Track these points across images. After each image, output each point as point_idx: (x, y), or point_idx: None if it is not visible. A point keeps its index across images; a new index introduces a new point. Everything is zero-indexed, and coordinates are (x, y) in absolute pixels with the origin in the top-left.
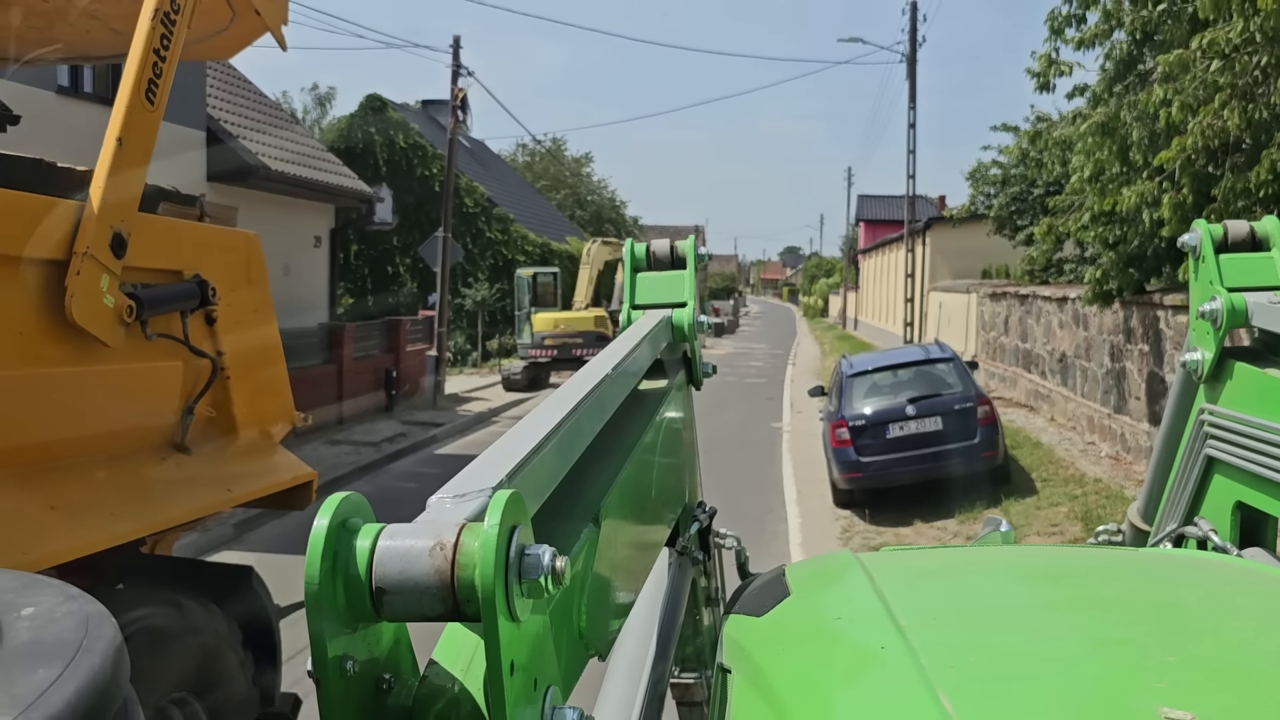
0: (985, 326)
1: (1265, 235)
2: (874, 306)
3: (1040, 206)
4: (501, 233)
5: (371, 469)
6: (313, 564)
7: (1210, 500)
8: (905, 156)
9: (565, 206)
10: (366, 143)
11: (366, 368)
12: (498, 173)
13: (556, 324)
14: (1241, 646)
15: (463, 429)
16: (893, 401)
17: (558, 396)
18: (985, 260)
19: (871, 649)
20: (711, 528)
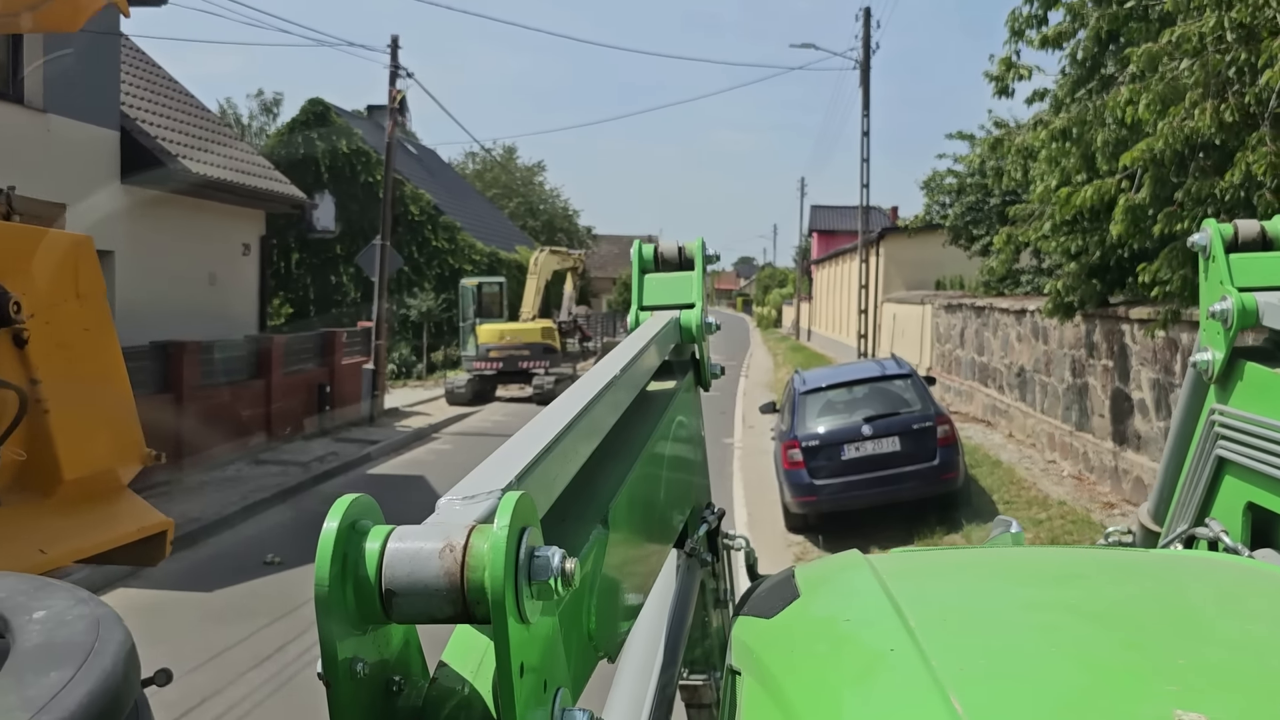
0: (940, 339)
1: (1277, 235)
2: (827, 317)
3: (997, 216)
4: (448, 241)
5: (297, 491)
6: (322, 566)
7: (1221, 501)
8: (859, 165)
9: (517, 216)
10: (308, 149)
11: (298, 383)
12: (445, 180)
13: (502, 335)
14: (1253, 648)
15: (399, 447)
16: (848, 421)
17: (567, 398)
18: (939, 271)
19: (881, 651)
20: (720, 529)
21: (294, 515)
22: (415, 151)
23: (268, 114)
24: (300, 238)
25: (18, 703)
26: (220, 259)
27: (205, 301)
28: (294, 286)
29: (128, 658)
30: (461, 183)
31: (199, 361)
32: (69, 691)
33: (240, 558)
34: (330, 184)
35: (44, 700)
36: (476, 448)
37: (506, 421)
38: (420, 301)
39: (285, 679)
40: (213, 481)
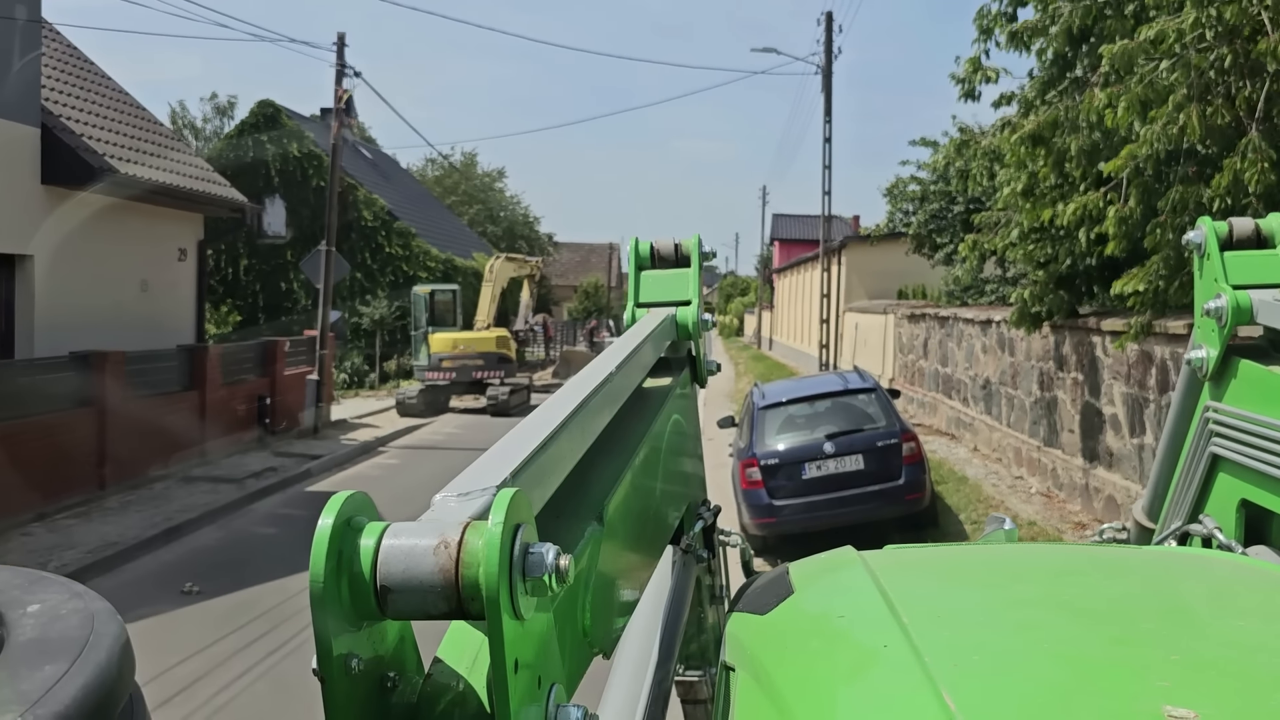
0: (903, 349)
1: (1271, 232)
2: (789, 326)
3: (960, 224)
4: (402, 248)
5: (228, 511)
6: (317, 563)
7: (1215, 498)
8: (820, 172)
9: (477, 222)
10: (257, 152)
11: (237, 394)
12: (402, 186)
13: (455, 344)
14: (1245, 645)
15: (342, 461)
16: (809, 438)
17: (562, 394)
18: (902, 280)
19: (875, 647)
20: (716, 525)
21: (221, 538)
22: (370, 156)
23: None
24: (250, 243)
25: (12, 697)
26: (153, 265)
27: (136, 310)
28: (243, 293)
29: (123, 651)
30: (419, 188)
31: (123, 373)
32: (63, 686)
33: (157, 586)
34: (281, 188)
35: (38, 694)
36: (425, 462)
37: (459, 434)
38: (373, 309)
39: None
40: (137, 501)
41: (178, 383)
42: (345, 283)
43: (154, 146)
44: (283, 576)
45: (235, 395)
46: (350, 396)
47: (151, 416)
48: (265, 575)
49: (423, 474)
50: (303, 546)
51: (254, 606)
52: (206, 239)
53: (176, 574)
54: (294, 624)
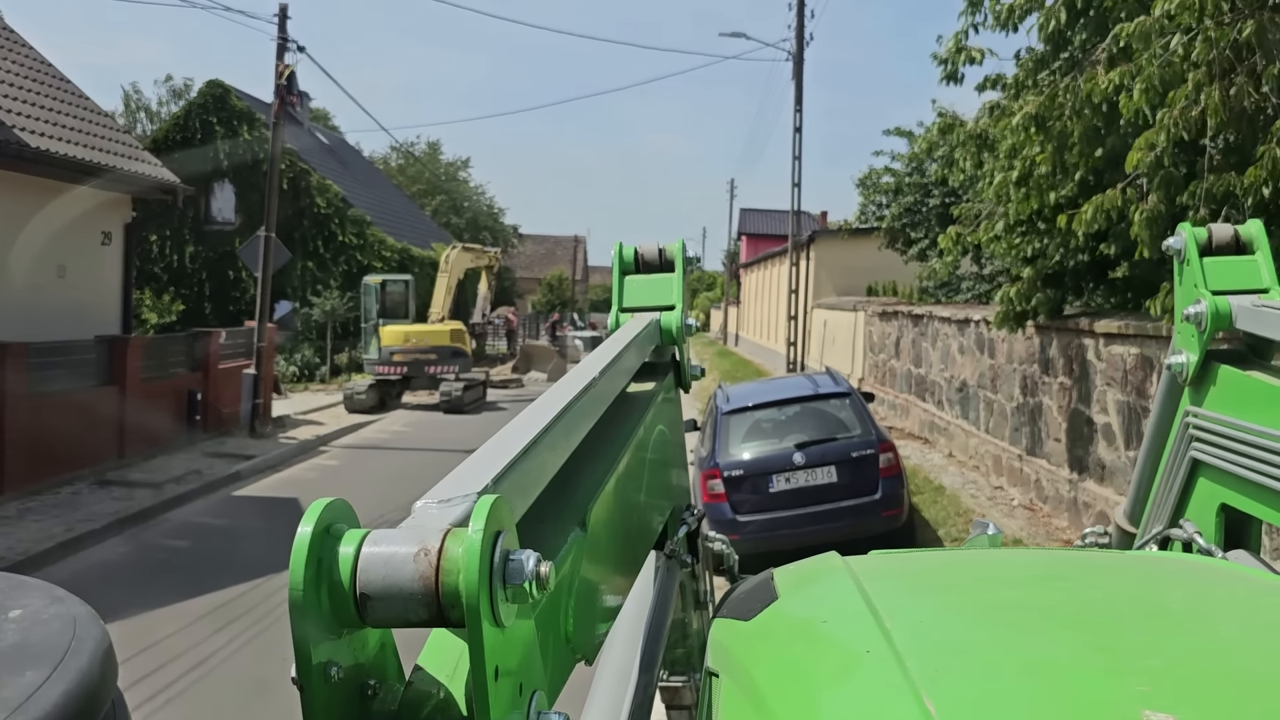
0: (874, 348)
1: (1249, 239)
2: (755, 323)
3: (936, 218)
4: (357, 236)
5: (140, 519)
6: (296, 571)
7: (1195, 503)
8: (790, 164)
9: (440, 213)
10: (206, 134)
11: (163, 389)
12: (359, 173)
13: (407, 338)
14: (1224, 648)
15: (277, 463)
16: (777, 447)
17: (545, 399)
18: (872, 276)
19: (857, 652)
20: (700, 530)
21: (126, 552)
22: (327, 141)
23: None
24: (196, 229)
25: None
26: (73, 249)
27: (52, 298)
28: (188, 282)
29: (105, 657)
30: (378, 176)
31: (25, 365)
32: (45, 691)
33: None
34: (230, 172)
35: (19, 700)
36: (367, 464)
37: (407, 432)
38: (324, 300)
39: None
40: (38, 508)
41: (95, 377)
42: (296, 272)
43: (77, 121)
44: (188, 597)
45: (162, 391)
46: (299, 390)
47: (61, 414)
48: (169, 596)
49: (362, 477)
50: (217, 561)
51: (149, 634)
52: (150, 224)
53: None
54: (192, 656)
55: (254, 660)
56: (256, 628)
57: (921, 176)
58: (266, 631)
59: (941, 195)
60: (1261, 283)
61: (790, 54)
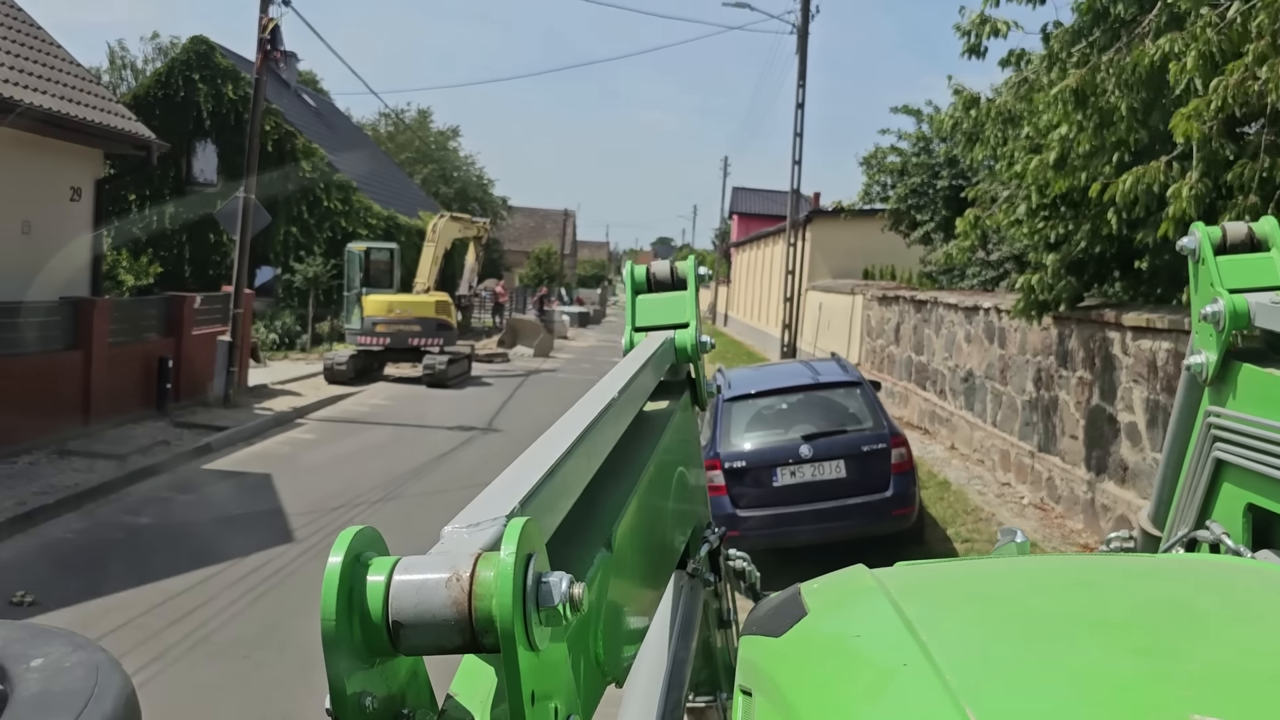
0: (871, 333)
1: (1264, 236)
2: (746, 303)
3: (944, 200)
4: (342, 202)
5: (99, 494)
6: (328, 602)
7: (1221, 503)
8: (790, 140)
9: (430, 183)
10: (189, 91)
11: (132, 355)
12: (347, 137)
13: (390, 308)
14: (1263, 650)
15: (251, 435)
16: (782, 438)
17: (566, 421)
18: (869, 259)
19: (894, 666)
20: (721, 549)
21: (82, 529)
22: (314, 104)
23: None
24: (177, 190)
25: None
26: (39, 205)
27: (15, 256)
28: (168, 244)
29: (128, 704)
30: (366, 142)
31: None
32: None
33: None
34: (213, 132)
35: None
36: (344, 438)
37: (388, 406)
38: (307, 266)
39: None
40: None
41: (59, 341)
42: (279, 237)
43: (46, 70)
44: (143, 583)
45: (131, 356)
46: (279, 359)
47: (20, 379)
48: (121, 581)
49: (340, 450)
50: (178, 542)
51: (93, 626)
52: (127, 182)
53: (11, 576)
54: (150, 648)
55: (207, 661)
56: (215, 622)
57: (929, 156)
58: (225, 627)
59: (950, 176)
60: (1278, 279)
61: (795, 27)
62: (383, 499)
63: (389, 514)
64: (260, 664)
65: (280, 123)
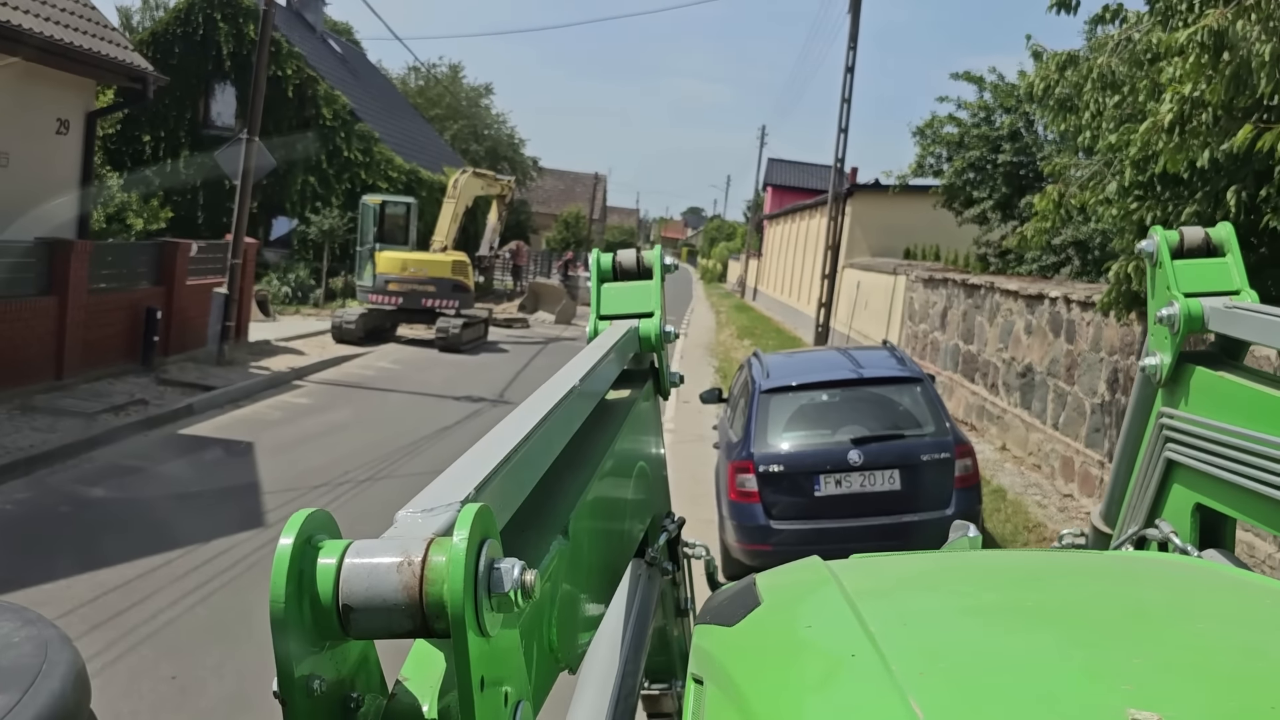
0: (914, 316)
1: (1220, 241)
2: (777, 278)
3: (1003, 176)
4: (363, 153)
5: (55, 458)
6: (278, 584)
7: (1171, 503)
8: (838, 107)
9: (460, 139)
10: (209, 29)
11: (115, 304)
12: (373, 87)
13: (405, 266)
14: (1204, 646)
15: (239, 397)
16: (828, 440)
17: (525, 408)
18: (910, 238)
19: (843, 656)
20: (680, 538)
21: (27, 499)
22: (340, 50)
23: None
24: (194, 133)
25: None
26: (19, 135)
27: None
28: (182, 189)
29: (77, 680)
30: (394, 94)
31: None
32: (16, 716)
33: None
34: (233, 73)
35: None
36: (342, 403)
37: (395, 370)
38: (323, 218)
39: None
40: None
41: (31, 285)
42: (296, 187)
43: None
44: (80, 570)
45: (113, 305)
46: (289, 313)
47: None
48: (55, 566)
49: (330, 422)
50: (130, 521)
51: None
52: (141, 121)
53: None
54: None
55: (128, 679)
56: (146, 628)
57: (990, 128)
58: (159, 634)
59: (1013, 151)
60: (1232, 284)
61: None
62: (370, 478)
63: (374, 496)
64: (187, 687)
65: (303, 66)
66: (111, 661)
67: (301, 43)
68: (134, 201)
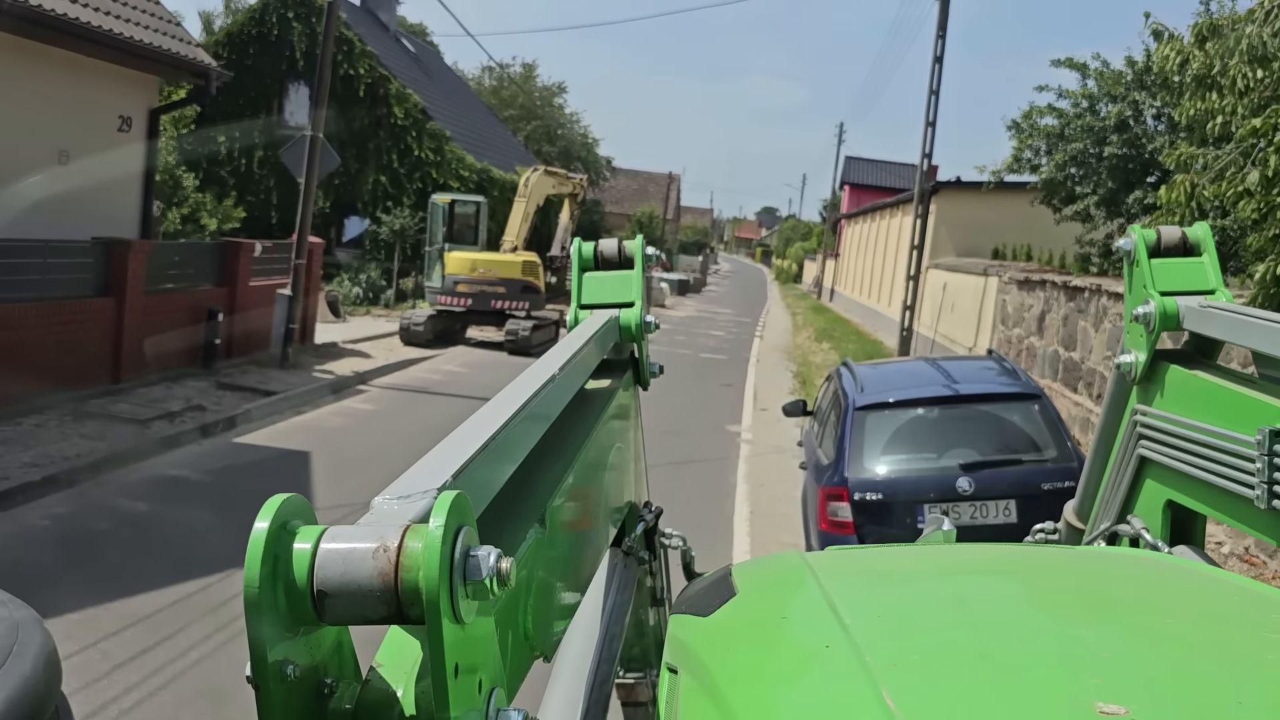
0: (1006, 320)
1: (1196, 241)
2: (855, 278)
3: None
4: (434, 152)
5: (100, 468)
6: (252, 568)
7: (1142, 499)
8: (925, 99)
9: (534, 140)
10: (283, 29)
11: (175, 305)
12: (445, 85)
13: (474, 267)
14: (1172, 641)
15: (301, 403)
16: (934, 465)
17: (504, 396)
18: (998, 237)
19: (816, 648)
20: (658, 528)
21: (65, 514)
22: (412, 49)
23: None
24: (267, 133)
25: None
26: (81, 132)
27: (50, 189)
28: (255, 188)
29: (48, 661)
30: (466, 91)
31: None
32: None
33: None
34: (306, 73)
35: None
36: (407, 411)
37: (462, 374)
38: (394, 218)
39: None
40: None
41: (88, 286)
42: (367, 186)
43: None
44: (110, 597)
45: (173, 307)
46: (359, 314)
47: (37, 329)
48: (84, 592)
49: (392, 430)
50: (168, 542)
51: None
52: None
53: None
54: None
55: None
56: (179, 664)
57: (1095, 118)
58: (187, 676)
59: (1120, 144)
60: (1208, 284)
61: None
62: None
63: None
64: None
65: (374, 65)
66: (128, 710)
67: (374, 42)
68: (208, 201)
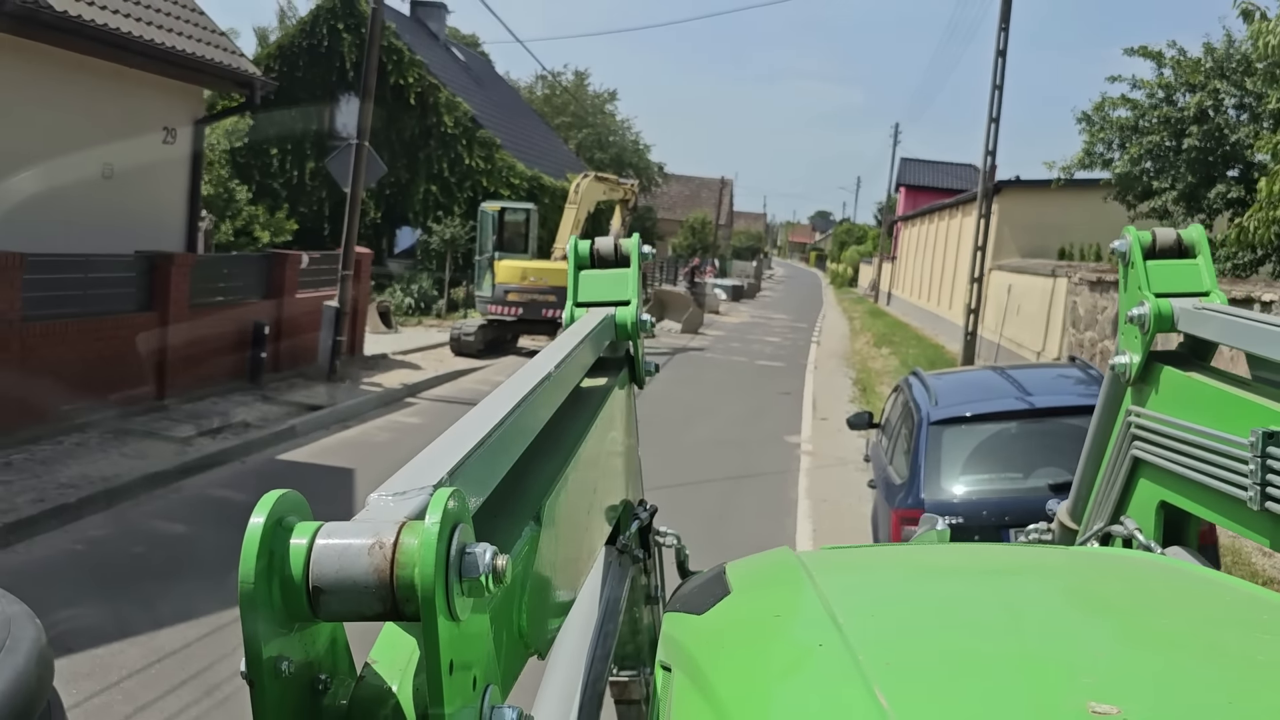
0: (1078, 323)
1: (1191, 242)
2: (912, 281)
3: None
4: (484, 160)
5: (140, 488)
6: (247, 563)
7: (1136, 500)
8: (989, 95)
9: (585, 148)
10: (333, 41)
11: (220, 319)
12: (496, 94)
13: (525, 275)
14: (1165, 642)
15: (348, 416)
16: (1019, 485)
17: (500, 394)
18: (1064, 237)
19: (810, 646)
20: (652, 526)
21: (101, 537)
22: (462, 57)
23: None
24: (319, 145)
25: None
26: (125, 145)
27: (93, 202)
28: (307, 200)
29: (40, 656)
30: (516, 99)
31: (19, 283)
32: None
33: None
34: (356, 85)
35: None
36: (455, 421)
37: None
38: (444, 227)
39: None
40: (19, 463)
41: (131, 301)
42: (418, 196)
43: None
44: (137, 630)
45: (219, 321)
46: (411, 324)
47: (79, 345)
48: (123, 621)
49: None
50: (208, 564)
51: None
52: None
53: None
54: None
55: None
56: (206, 702)
57: (1172, 109)
58: (214, 716)
59: (1200, 136)
60: (1203, 286)
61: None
62: None
63: None
64: None
65: (424, 74)
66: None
67: (424, 51)
68: (261, 214)
